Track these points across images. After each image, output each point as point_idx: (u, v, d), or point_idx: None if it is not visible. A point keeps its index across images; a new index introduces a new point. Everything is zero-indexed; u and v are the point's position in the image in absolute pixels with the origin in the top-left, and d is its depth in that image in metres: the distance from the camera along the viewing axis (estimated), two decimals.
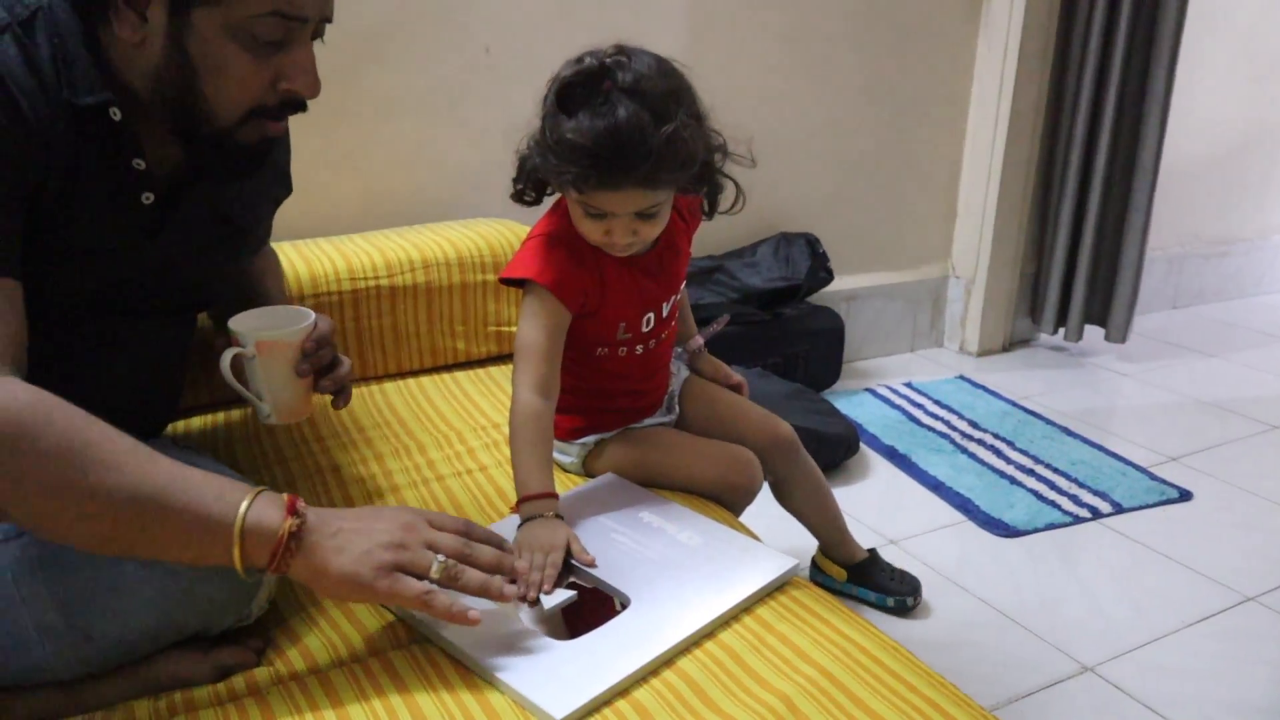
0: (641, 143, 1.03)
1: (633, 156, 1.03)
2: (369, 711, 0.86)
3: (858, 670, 0.92)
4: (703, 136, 1.10)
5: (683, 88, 1.08)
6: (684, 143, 1.04)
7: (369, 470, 1.30)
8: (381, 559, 0.86)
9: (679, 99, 1.06)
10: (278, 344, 1.06)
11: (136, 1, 0.87)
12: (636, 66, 1.05)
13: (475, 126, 2.02)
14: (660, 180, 1.07)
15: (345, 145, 1.91)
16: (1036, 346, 2.94)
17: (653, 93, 1.04)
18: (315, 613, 1.02)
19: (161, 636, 0.91)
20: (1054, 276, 2.80)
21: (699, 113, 1.09)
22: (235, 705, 0.88)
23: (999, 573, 1.77)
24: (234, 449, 1.36)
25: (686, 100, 1.07)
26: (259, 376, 1.07)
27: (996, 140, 2.65)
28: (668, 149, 1.03)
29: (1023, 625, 1.62)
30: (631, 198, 1.08)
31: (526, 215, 1.89)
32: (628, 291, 1.22)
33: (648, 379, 1.33)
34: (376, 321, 1.59)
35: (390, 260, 1.61)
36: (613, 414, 1.31)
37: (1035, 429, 2.33)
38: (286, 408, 1.09)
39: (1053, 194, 2.77)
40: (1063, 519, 1.94)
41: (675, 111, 1.04)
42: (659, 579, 1.04)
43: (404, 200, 1.98)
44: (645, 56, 1.07)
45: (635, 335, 1.26)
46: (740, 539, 1.13)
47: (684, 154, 1.06)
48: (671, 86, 1.06)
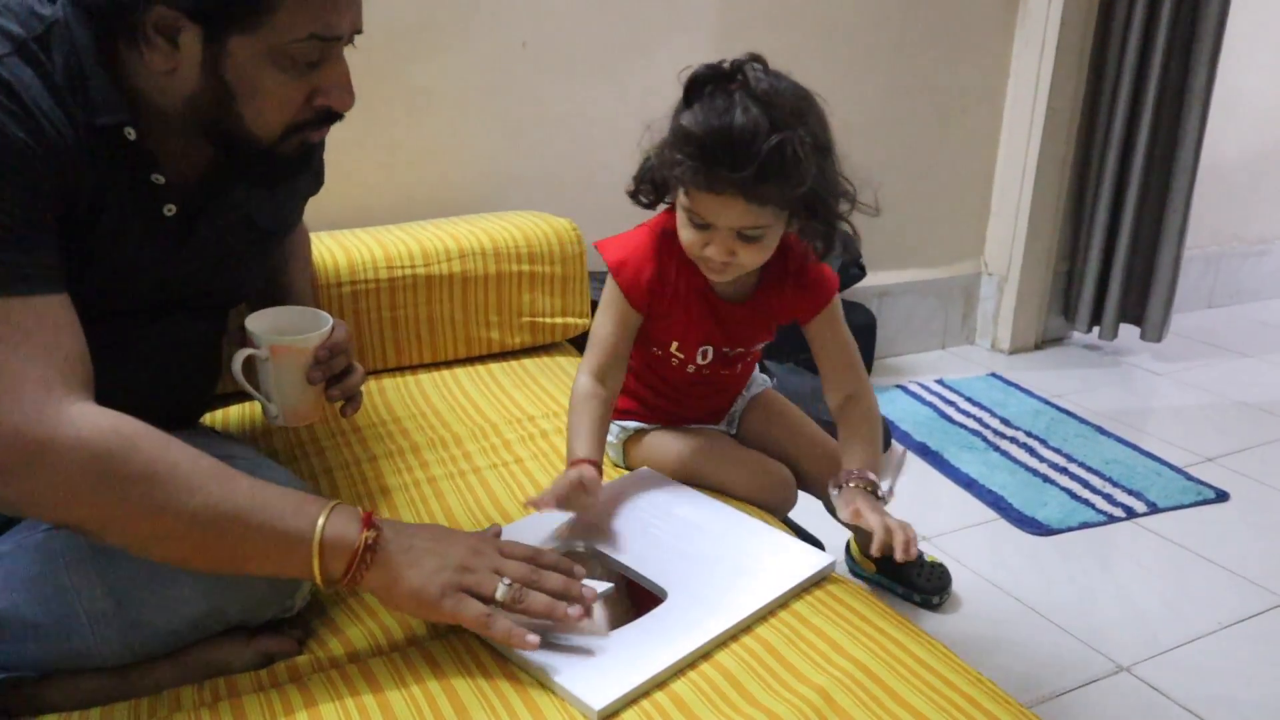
0: (751, 143, 1.00)
1: (740, 157, 1.01)
2: (409, 698, 0.87)
3: (895, 665, 0.92)
4: (822, 167, 1.06)
5: (812, 111, 1.05)
6: (795, 157, 1.01)
7: (405, 462, 1.31)
8: (450, 579, 0.89)
9: (804, 119, 1.03)
10: (292, 349, 1.06)
11: (168, 29, 0.85)
12: (770, 78, 1.05)
13: (512, 120, 2.02)
14: (764, 193, 1.04)
15: (383, 138, 1.91)
16: (1069, 345, 2.92)
17: (779, 105, 1.02)
18: (355, 604, 1.02)
19: (207, 625, 0.92)
20: (1089, 274, 2.77)
21: (823, 143, 1.06)
22: (278, 691, 0.88)
23: (1032, 571, 1.76)
24: (271, 438, 1.37)
25: (813, 124, 1.05)
26: (270, 379, 1.07)
27: (1032, 137, 2.63)
28: (775, 156, 1.00)
29: (1057, 624, 1.61)
30: (734, 207, 1.05)
31: (563, 209, 1.90)
32: (693, 320, 1.22)
33: (702, 399, 1.33)
34: (413, 311, 1.60)
35: (427, 250, 1.61)
36: (660, 410, 1.32)
37: (1068, 428, 2.31)
38: (294, 411, 1.09)
39: (1088, 191, 2.74)
40: (1096, 518, 1.92)
41: (795, 127, 1.02)
42: (696, 573, 1.04)
43: (441, 192, 1.99)
44: (785, 77, 1.06)
45: (688, 358, 1.27)
46: (776, 534, 1.13)
47: (792, 168, 1.02)
48: (800, 107, 1.04)
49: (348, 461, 1.31)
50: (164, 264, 0.99)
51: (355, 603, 1.02)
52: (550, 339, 1.76)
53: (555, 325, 1.74)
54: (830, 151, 1.08)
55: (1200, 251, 3.22)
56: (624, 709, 0.86)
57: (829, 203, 1.09)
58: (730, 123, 1.01)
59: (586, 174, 2.14)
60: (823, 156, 1.06)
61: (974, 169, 2.71)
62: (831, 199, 1.10)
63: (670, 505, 1.17)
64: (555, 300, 1.73)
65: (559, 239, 1.73)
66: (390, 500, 1.21)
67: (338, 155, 1.27)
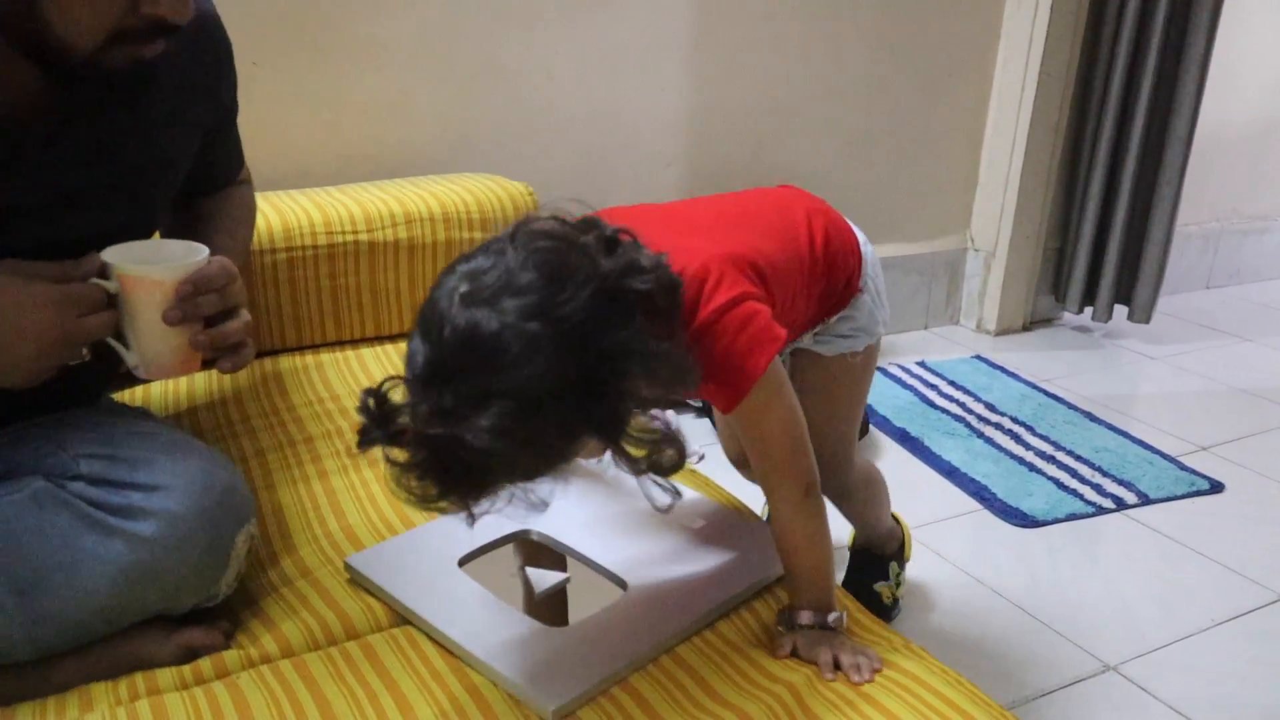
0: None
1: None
2: (349, 697, 0.86)
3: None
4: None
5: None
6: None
7: (345, 442, 1.30)
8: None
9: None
10: (144, 282, 0.95)
11: None
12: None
13: (465, 74, 2.00)
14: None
15: (322, 91, 1.89)
16: (1059, 326, 2.95)
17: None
18: (288, 594, 1.02)
19: (120, 617, 0.91)
20: (1081, 251, 2.80)
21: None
22: (203, 690, 0.87)
23: (1016, 565, 1.78)
24: (198, 415, 1.35)
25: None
26: (123, 318, 0.96)
27: (1023, 104, 2.64)
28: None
29: (1041, 621, 1.63)
30: None
31: (519, 172, 1.89)
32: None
33: None
34: (354, 280, 1.58)
35: (370, 214, 1.60)
36: None
37: (1056, 413, 2.34)
38: (155, 360, 0.98)
39: (1082, 163, 2.76)
40: (1085, 509, 1.94)
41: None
42: (660, 562, 1.05)
43: (386, 152, 1.97)
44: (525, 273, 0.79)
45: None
46: (748, 524, 1.14)
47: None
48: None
49: (282, 443, 1.29)
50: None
51: (289, 592, 1.02)
52: None
53: None
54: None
55: (1198, 229, 3.26)
56: (580, 708, 0.86)
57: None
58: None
59: (545, 135, 2.13)
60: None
61: (961, 137, 2.72)
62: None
63: (635, 489, 1.17)
64: None
65: (514, 204, 1.71)
66: (328, 484, 1.20)
67: (273, 109, 1.24)
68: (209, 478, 0.94)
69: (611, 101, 2.20)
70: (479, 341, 0.76)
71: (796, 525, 0.99)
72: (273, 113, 1.24)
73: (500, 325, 0.76)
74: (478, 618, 0.95)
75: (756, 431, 0.98)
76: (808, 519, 0.99)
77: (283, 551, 1.09)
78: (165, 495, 0.91)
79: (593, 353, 0.78)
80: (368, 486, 1.20)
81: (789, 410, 0.98)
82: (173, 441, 0.99)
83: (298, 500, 1.18)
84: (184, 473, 0.93)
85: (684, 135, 2.32)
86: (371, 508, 1.16)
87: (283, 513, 1.15)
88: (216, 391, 1.41)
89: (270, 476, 1.22)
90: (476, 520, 0.83)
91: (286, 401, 1.39)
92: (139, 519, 0.89)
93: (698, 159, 2.35)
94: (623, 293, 0.81)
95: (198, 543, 0.91)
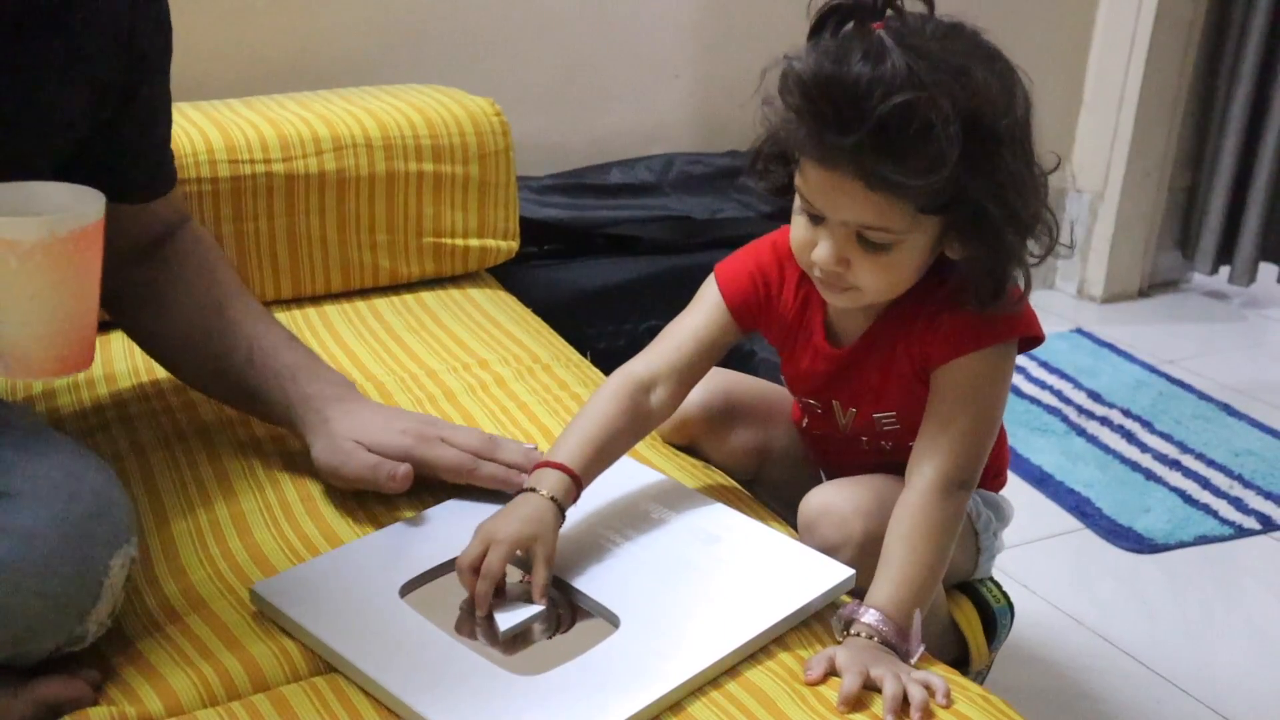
0: (864, 98, 0.97)
1: (848, 116, 0.98)
2: None
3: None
4: (993, 162, 1.02)
5: (987, 79, 1.01)
6: (927, 127, 0.97)
7: (251, 434, 1.30)
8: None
9: (965, 83, 1.00)
10: (6, 242, 0.90)
11: None
12: (937, 24, 1.05)
13: None
14: (888, 177, 1.00)
15: None
16: (1188, 291, 2.95)
17: (930, 56, 0.99)
18: (175, 632, 1.02)
19: None
20: (1217, 193, 2.79)
21: (996, 127, 1.01)
22: None
23: (1128, 601, 1.78)
24: (55, 399, 1.36)
25: (985, 95, 1.00)
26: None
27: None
28: (897, 121, 0.97)
29: (1160, 674, 1.63)
30: (846, 191, 1.03)
31: (482, 83, 1.88)
32: (798, 358, 1.24)
33: (816, 450, 1.36)
34: (266, 224, 1.58)
35: (286, 137, 1.59)
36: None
37: (1183, 405, 2.34)
38: (13, 352, 0.94)
39: (1221, 76, 2.75)
40: (1219, 530, 1.95)
41: (945, 90, 0.98)
42: (663, 591, 1.05)
43: (305, 54, 1.96)
44: (964, 30, 1.06)
45: (802, 414, 1.31)
46: (778, 539, 1.14)
47: (922, 143, 0.98)
48: (965, 67, 1.01)
49: (168, 436, 1.30)
50: None
51: (176, 630, 1.02)
52: (462, 268, 1.75)
53: (469, 249, 1.74)
54: (1012, 146, 1.03)
55: None
56: None
57: (999, 219, 1.05)
58: (845, 70, 0.99)
59: (517, 36, 2.12)
60: (995, 148, 1.02)
61: (1061, 43, 2.71)
62: (1006, 214, 1.05)
63: (634, 498, 1.18)
64: (469, 214, 1.72)
65: (475, 126, 1.71)
66: (228, 489, 1.20)
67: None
68: (76, 483, 0.94)
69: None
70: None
71: (922, 514, 1.09)
72: None
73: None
74: (423, 663, 0.95)
75: (956, 394, 1.13)
76: (940, 511, 1.10)
77: (168, 577, 1.08)
78: (18, 506, 0.90)
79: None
80: (280, 492, 1.20)
81: (1001, 399, 1.16)
82: (29, 435, 0.99)
83: (188, 510, 1.18)
84: (44, 475, 0.93)
85: (695, 36, 2.31)
86: (286, 520, 1.16)
87: (169, 527, 1.15)
88: (84, 376, 1.41)
89: (152, 480, 1.22)
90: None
91: (173, 383, 1.39)
92: None
93: (713, 67, 2.34)
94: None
95: (61, 568, 0.90)
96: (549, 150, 2.20)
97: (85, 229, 0.92)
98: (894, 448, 1.24)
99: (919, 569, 1.06)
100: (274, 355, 1.22)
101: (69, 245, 0.91)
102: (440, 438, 1.18)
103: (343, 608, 1.01)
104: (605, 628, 1.02)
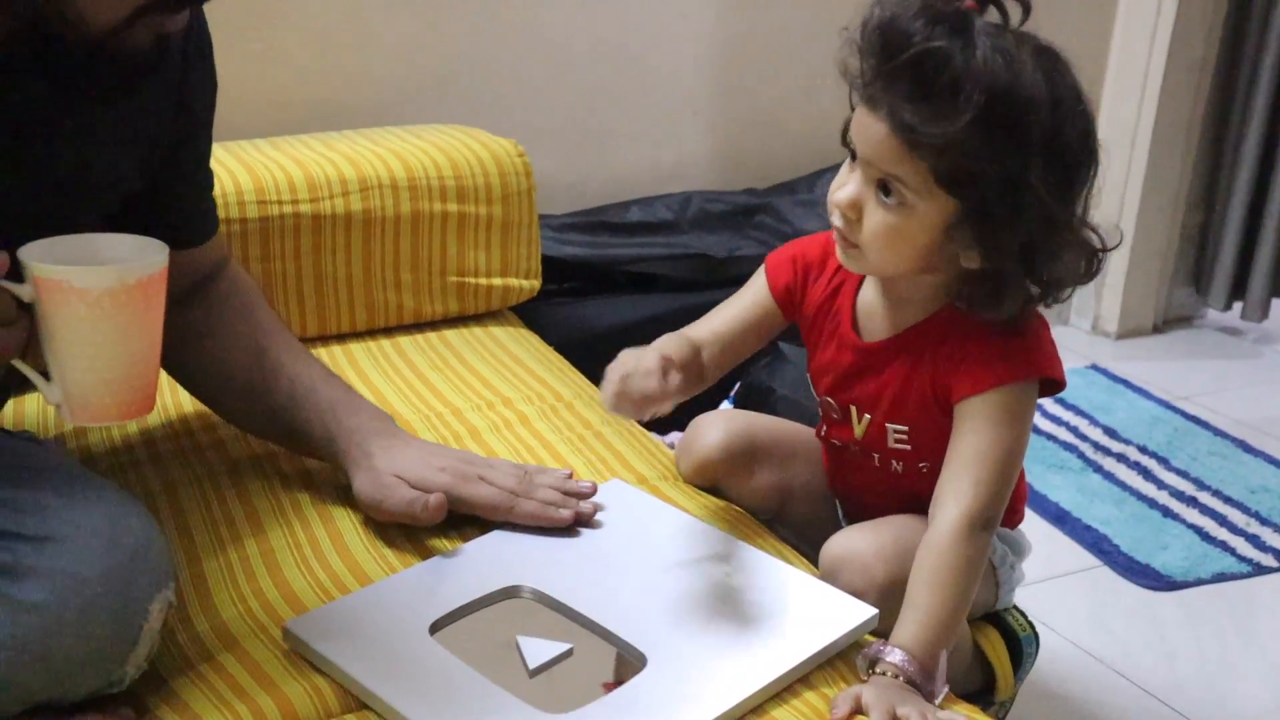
0: (910, 35, 1.04)
1: (890, 46, 1.05)
2: None
3: None
4: (1024, 160, 1.05)
5: (1028, 86, 1.05)
6: (955, 83, 1.03)
7: (282, 472, 1.31)
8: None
9: (1008, 73, 1.04)
10: (62, 287, 0.90)
11: None
12: (1023, 34, 1.09)
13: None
14: (903, 117, 1.05)
15: (252, 17, 1.90)
16: (1201, 327, 2.95)
17: (993, 43, 1.05)
18: (209, 671, 1.02)
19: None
20: (1230, 229, 2.79)
21: (1026, 130, 1.05)
22: None
23: (1147, 638, 1.78)
24: (86, 437, 1.37)
25: (1018, 93, 1.04)
26: (43, 338, 0.93)
27: (1158, 35, 2.64)
28: (929, 65, 1.03)
29: (1179, 712, 1.63)
30: (875, 131, 1.08)
31: (505, 124, 1.89)
32: (824, 338, 1.27)
33: (834, 472, 1.38)
34: (293, 264, 1.59)
35: (313, 178, 1.60)
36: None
37: (1198, 441, 2.34)
38: (81, 397, 0.95)
39: (1234, 110, 2.76)
40: (1238, 567, 1.94)
41: (983, 64, 1.03)
42: (689, 629, 1.05)
43: (333, 96, 1.98)
44: (1053, 53, 1.12)
45: (822, 404, 1.32)
46: (801, 578, 1.15)
47: (944, 95, 1.03)
48: (1015, 71, 1.05)
49: (199, 475, 1.31)
50: None
51: (210, 669, 1.02)
52: (485, 306, 1.76)
53: (492, 288, 1.75)
54: (1046, 159, 1.06)
55: None
56: None
57: (1005, 221, 1.08)
58: (904, 15, 1.05)
59: (537, 75, 2.14)
60: (1020, 145, 1.05)
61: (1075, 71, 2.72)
62: (1017, 221, 1.07)
63: (650, 534, 1.19)
64: (492, 254, 1.73)
65: (498, 167, 1.72)
66: (258, 526, 1.21)
67: None
68: (118, 528, 0.95)
69: (622, 31, 2.21)
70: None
71: (945, 555, 1.10)
72: None
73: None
74: (453, 700, 0.96)
75: (977, 433, 1.15)
76: (964, 551, 1.10)
77: (200, 615, 1.09)
78: (61, 550, 0.91)
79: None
80: (310, 530, 1.21)
81: (1022, 439, 1.17)
82: (72, 479, 1.00)
83: (219, 549, 1.18)
84: (86, 522, 0.94)
85: (713, 75, 2.33)
86: (315, 559, 1.17)
87: (200, 565, 1.16)
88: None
89: (183, 518, 1.23)
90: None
91: (203, 421, 1.40)
92: (26, 580, 0.89)
93: (731, 106, 2.36)
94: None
95: (102, 612, 0.91)
96: (568, 188, 2.22)
97: (151, 277, 0.93)
98: (905, 470, 1.26)
99: (943, 609, 1.08)
100: (314, 391, 1.24)
101: (136, 293, 0.92)
102: (479, 475, 1.20)
103: (374, 645, 1.02)
104: (630, 665, 1.02)
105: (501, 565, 1.13)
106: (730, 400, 2.17)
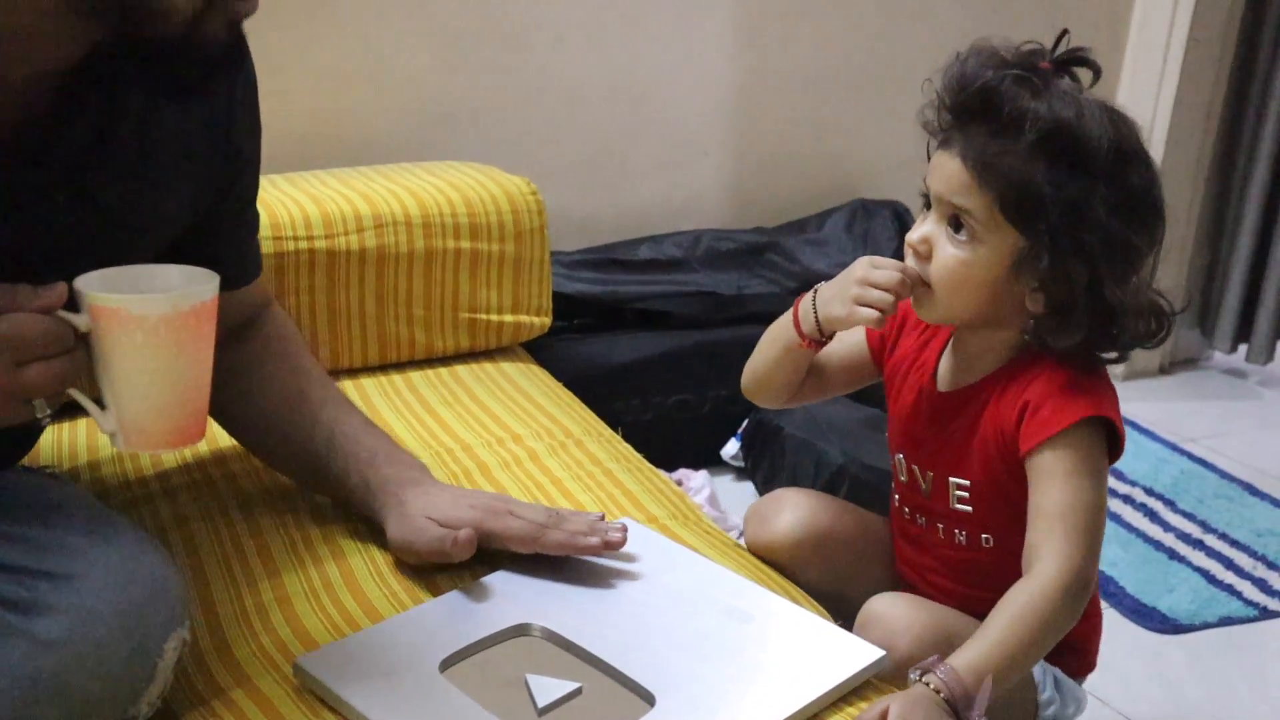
0: (981, 74, 1.12)
1: (963, 82, 1.13)
2: None
3: None
4: (1086, 198, 1.11)
5: (1090, 128, 1.11)
6: (1020, 114, 1.10)
7: (290, 506, 1.31)
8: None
9: (1069, 111, 1.11)
10: (119, 314, 0.91)
11: None
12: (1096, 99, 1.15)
13: (448, 34, 2.03)
14: (971, 142, 1.13)
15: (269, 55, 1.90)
16: (1206, 369, 2.95)
17: (1060, 91, 1.12)
18: (220, 707, 1.02)
19: None
20: (1236, 271, 2.80)
21: (1087, 166, 1.11)
22: None
23: (1152, 682, 1.77)
24: (99, 470, 1.37)
25: (1078, 131, 1.11)
26: (99, 366, 0.94)
27: (1165, 80, 2.65)
28: (999, 96, 1.11)
29: None
30: (946, 166, 1.15)
31: (518, 162, 1.90)
32: (905, 386, 1.31)
33: (903, 556, 1.38)
34: (308, 299, 1.60)
35: (328, 214, 1.61)
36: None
37: (1205, 484, 2.34)
38: (136, 425, 0.95)
39: (1240, 154, 2.77)
40: (1244, 611, 1.94)
41: (1046, 102, 1.10)
42: (697, 671, 1.05)
43: (348, 133, 1.99)
44: (1119, 115, 1.15)
45: (894, 462, 1.34)
46: (810, 619, 1.14)
47: (1010, 123, 1.11)
48: (1078, 110, 1.11)
49: (211, 510, 1.31)
50: None
51: (221, 705, 1.02)
52: (496, 343, 1.77)
53: (504, 325, 1.75)
54: (1108, 201, 1.12)
55: None
56: None
57: (1072, 254, 1.12)
58: (981, 64, 1.14)
59: (551, 115, 2.15)
60: (1082, 179, 1.11)
61: None
62: (1082, 258, 1.12)
63: (661, 573, 1.19)
64: (504, 290, 1.74)
65: (511, 204, 1.73)
66: (270, 563, 1.22)
67: None
68: (135, 566, 0.95)
69: (634, 72, 2.22)
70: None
71: (1041, 603, 1.10)
72: None
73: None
74: None
75: (1058, 487, 1.15)
76: (1059, 609, 1.10)
77: (212, 651, 1.09)
78: (77, 587, 0.91)
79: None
80: (322, 567, 1.21)
81: (1103, 495, 1.16)
82: (91, 517, 1.00)
83: (231, 584, 1.19)
84: (104, 559, 0.94)
85: (723, 115, 2.34)
86: (327, 596, 1.17)
87: (212, 600, 1.16)
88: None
89: (196, 553, 1.23)
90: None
91: (215, 454, 1.40)
92: (44, 616, 0.90)
93: (743, 146, 2.37)
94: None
95: (118, 649, 0.92)
96: (579, 225, 2.23)
97: (204, 304, 0.94)
98: (968, 543, 1.27)
99: (1010, 647, 1.08)
100: (354, 440, 1.24)
101: (190, 319, 0.93)
102: (509, 511, 1.20)
103: (384, 682, 1.02)
104: (641, 706, 1.03)
105: (512, 603, 1.13)
106: (738, 438, 2.18)
